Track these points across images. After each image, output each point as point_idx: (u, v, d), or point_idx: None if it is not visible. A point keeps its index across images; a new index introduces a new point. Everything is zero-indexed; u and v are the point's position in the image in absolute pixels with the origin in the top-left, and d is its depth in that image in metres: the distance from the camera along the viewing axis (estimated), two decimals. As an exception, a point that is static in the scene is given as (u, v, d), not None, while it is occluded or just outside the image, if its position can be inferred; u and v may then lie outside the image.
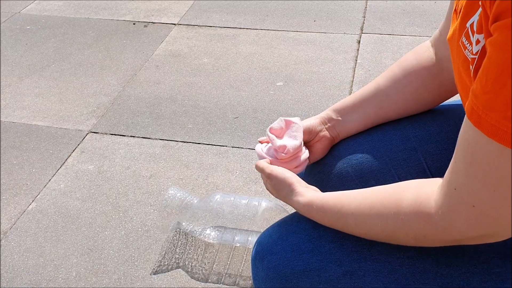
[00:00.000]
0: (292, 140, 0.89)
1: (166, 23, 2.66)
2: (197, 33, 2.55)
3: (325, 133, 0.93)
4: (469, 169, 0.55)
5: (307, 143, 0.94)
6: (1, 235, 1.49)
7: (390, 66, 0.92)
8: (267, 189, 0.89)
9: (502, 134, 0.49)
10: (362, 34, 2.46)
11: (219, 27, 2.59)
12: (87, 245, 1.45)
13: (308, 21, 2.60)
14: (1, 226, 1.52)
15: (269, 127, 0.92)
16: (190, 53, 2.38)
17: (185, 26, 2.63)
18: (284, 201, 0.84)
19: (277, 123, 0.92)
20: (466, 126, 0.55)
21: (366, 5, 2.74)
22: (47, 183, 1.68)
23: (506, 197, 0.53)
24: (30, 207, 1.58)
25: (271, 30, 2.54)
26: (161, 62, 2.33)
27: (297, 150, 0.88)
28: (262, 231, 1.05)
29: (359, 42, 2.39)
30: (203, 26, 2.61)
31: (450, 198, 0.59)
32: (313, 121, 0.93)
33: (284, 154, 0.88)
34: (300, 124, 0.91)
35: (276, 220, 0.85)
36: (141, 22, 2.69)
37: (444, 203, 0.59)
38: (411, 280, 0.69)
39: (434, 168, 0.86)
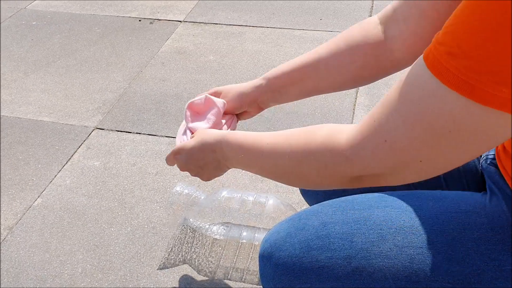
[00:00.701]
0: (204, 124, 0.87)
1: (172, 20, 2.66)
2: (203, 30, 2.55)
3: (256, 104, 0.94)
4: (398, 103, 0.55)
5: (236, 111, 0.95)
6: (7, 231, 1.49)
7: (335, 38, 0.88)
8: (186, 169, 0.87)
9: (445, 72, 0.49)
10: (368, 32, 2.45)
11: (225, 24, 2.59)
12: (93, 242, 1.45)
13: (314, 19, 2.60)
14: (7, 221, 1.52)
15: (190, 101, 0.89)
16: (196, 51, 2.38)
17: (191, 23, 2.62)
18: (201, 164, 0.84)
19: (199, 99, 0.89)
20: (418, 66, 0.53)
21: (373, 4, 2.73)
22: (53, 179, 1.68)
23: (423, 141, 0.54)
24: (36, 202, 1.59)
25: (277, 28, 2.54)
26: (166, 59, 2.32)
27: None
28: (269, 228, 1.04)
29: (365, 40, 2.39)
30: (209, 23, 2.61)
31: (364, 128, 0.60)
32: (245, 90, 0.93)
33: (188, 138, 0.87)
34: (221, 109, 0.89)
35: (284, 218, 0.85)
36: (147, 19, 2.69)
37: (357, 132, 0.61)
38: (421, 277, 0.68)
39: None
